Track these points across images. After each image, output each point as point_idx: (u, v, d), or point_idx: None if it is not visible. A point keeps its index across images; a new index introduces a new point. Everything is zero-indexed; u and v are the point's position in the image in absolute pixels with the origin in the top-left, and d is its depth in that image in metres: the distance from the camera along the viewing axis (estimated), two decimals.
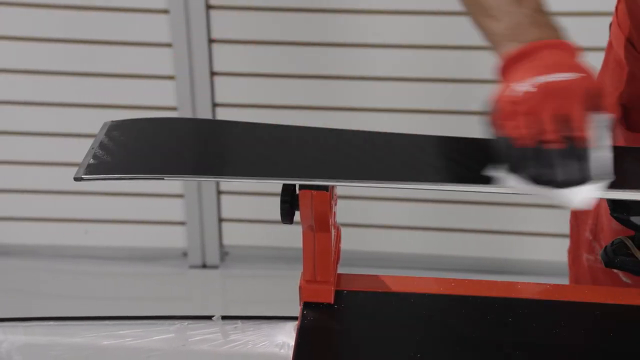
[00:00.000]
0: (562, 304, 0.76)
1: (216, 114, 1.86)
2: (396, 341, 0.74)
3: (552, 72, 0.69)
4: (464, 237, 1.90)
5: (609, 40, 0.98)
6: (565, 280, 1.12)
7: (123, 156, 0.74)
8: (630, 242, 0.71)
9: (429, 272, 1.84)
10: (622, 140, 0.91)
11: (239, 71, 1.83)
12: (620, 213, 0.69)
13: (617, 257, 0.71)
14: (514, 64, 0.72)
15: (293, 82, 1.83)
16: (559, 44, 0.73)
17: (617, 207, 0.69)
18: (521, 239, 1.89)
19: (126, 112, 1.77)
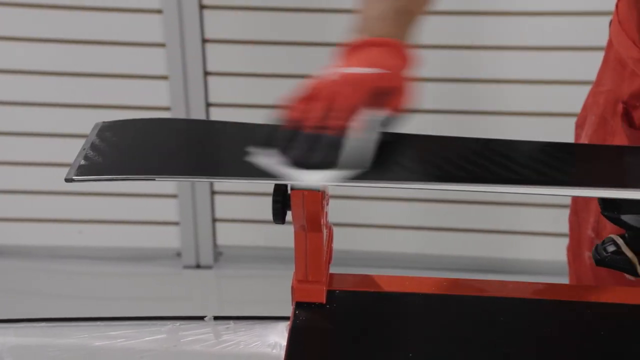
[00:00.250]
0: (554, 303, 0.76)
1: (210, 114, 1.86)
2: (388, 341, 0.74)
3: (364, 66, 0.73)
4: (459, 237, 1.90)
5: (609, 38, 0.98)
6: (562, 280, 1.12)
7: (114, 157, 0.74)
8: (620, 240, 0.71)
9: (425, 272, 1.84)
10: (624, 137, 0.91)
11: (232, 71, 1.83)
12: (610, 212, 0.69)
13: (607, 256, 0.71)
14: (350, 52, 0.76)
15: (287, 82, 1.83)
16: (393, 43, 0.76)
17: (608, 205, 0.69)
18: (517, 238, 1.89)
19: (120, 113, 1.77)
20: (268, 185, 0.74)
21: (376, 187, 0.71)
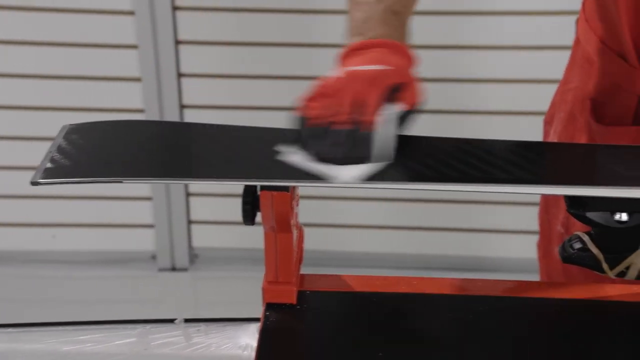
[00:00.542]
0: (522, 300, 0.77)
1: (184, 115, 1.85)
2: (358, 340, 0.74)
3: (373, 65, 0.74)
4: (433, 236, 1.91)
5: (576, 36, 0.99)
6: (537, 277, 1.13)
7: (81, 160, 0.73)
8: (586, 237, 0.72)
9: (400, 271, 1.84)
10: (593, 133, 0.92)
11: (206, 72, 1.82)
12: (576, 209, 0.70)
13: (574, 253, 0.72)
14: (349, 56, 0.77)
15: (261, 83, 1.82)
16: (391, 44, 0.77)
17: (573, 203, 0.70)
18: (491, 236, 1.90)
19: (92, 115, 1.76)
20: (240, 187, 0.73)
21: (337, 187, 0.72)
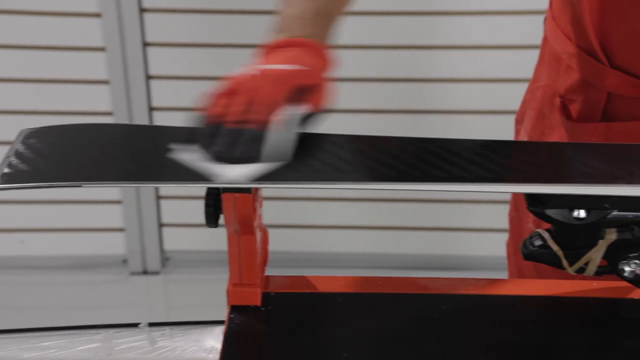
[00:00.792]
0: (484, 298, 0.77)
1: (153, 118, 1.84)
2: (323, 341, 0.74)
3: (284, 64, 0.74)
4: (403, 235, 1.92)
5: (544, 35, 1.00)
6: (505, 274, 1.14)
7: (39, 164, 0.72)
8: (547, 234, 0.72)
9: (372, 271, 1.85)
10: (563, 130, 0.92)
11: (175, 74, 1.81)
12: (535, 207, 0.70)
13: (534, 250, 0.73)
14: (268, 52, 0.77)
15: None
16: (312, 44, 0.77)
17: (533, 201, 0.70)
18: (464, 235, 1.91)
19: (60, 119, 1.74)
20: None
21: (299, 188, 0.71)
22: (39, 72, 1.78)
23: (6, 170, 0.71)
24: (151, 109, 1.82)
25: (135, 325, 0.80)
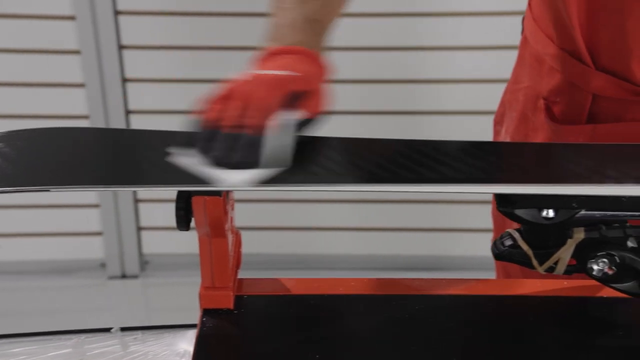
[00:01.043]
0: (457, 298, 0.78)
1: (130, 121, 1.83)
2: (295, 343, 0.74)
3: (278, 70, 0.74)
4: (396, 236, 1.92)
5: (523, 35, 0.99)
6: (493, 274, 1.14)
7: (7, 169, 0.72)
8: (517, 234, 0.73)
9: (362, 273, 1.85)
10: (547, 132, 0.92)
11: (152, 77, 1.80)
12: (505, 207, 0.70)
13: (505, 250, 0.73)
14: (263, 60, 0.77)
15: (209, 87, 1.81)
16: (305, 52, 0.77)
17: (502, 201, 0.71)
18: (454, 235, 1.91)
19: (36, 122, 1.71)
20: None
21: (271, 190, 0.71)
22: (13, 75, 1.77)
23: None
24: (128, 112, 1.81)
25: (107, 330, 0.80)
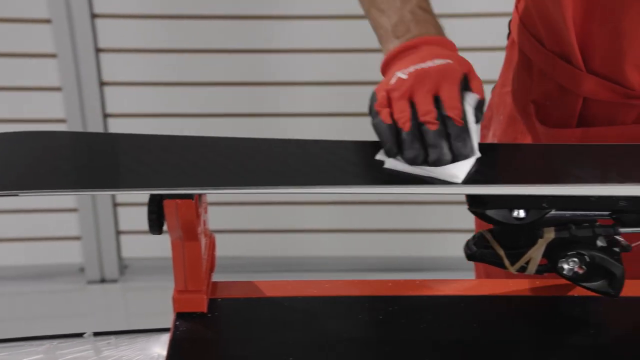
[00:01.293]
0: (430, 299, 0.78)
1: (108, 124, 1.82)
2: (269, 346, 0.73)
3: (426, 62, 0.74)
4: (376, 238, 1.92)
5: (510, 38, 0.98)
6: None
7: None
8: (489, 235, 0.73)
9: (347, 274, 1.86)
10: (538, 135, 0.91)
11: (129, 80, 1.80)
12: (476, 207, 0.71)
13: (477, 250, 0.73)
14: (394, 59, 0.77)
15: (186, 89, 1.81)
16: (437, 40, 0.77)
17: (474, 202, 0.71)
18: (434, 236, 1.91)
19: (13, 126, 1.71)
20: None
21: (242, 193, 0.71)
22: None
23: None
24: (105, 115, 1.80)
25: (80, 335, 0.79)
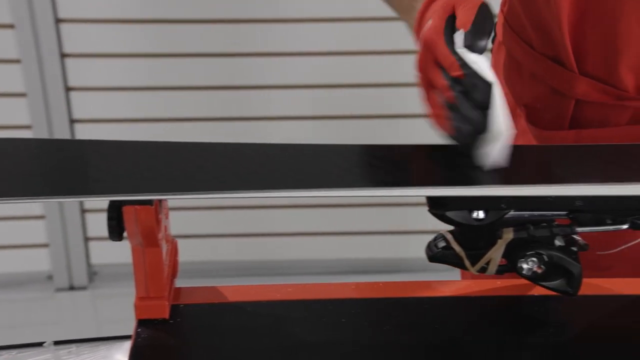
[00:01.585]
0: (395, 301, 0.78)
1: (74, 130, 1.80)
2: (231, 351, 0.73)
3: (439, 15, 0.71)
4: (355, 240, 1.92)
5: (497, 40, 0.97)
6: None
7: None
8: (450, 236, 0.73)
9: (329, 277, 1.85)
10: (530, 137, 0.91)
11: (96, 85, 1.78)
12: (437, 209, 0.71)
13: (438, 251, 0.73)
14: (423, 15, 0.75)
15: (155, 94, 1.80)
16: None
17: (434, 203, 0.71)
18: (414, 237, 1.92)
19: None
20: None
21: (204, 198, 0.71)
22: None
23: None
24: (72, 121, 1.79)
25: (39, 344, 0.78)
